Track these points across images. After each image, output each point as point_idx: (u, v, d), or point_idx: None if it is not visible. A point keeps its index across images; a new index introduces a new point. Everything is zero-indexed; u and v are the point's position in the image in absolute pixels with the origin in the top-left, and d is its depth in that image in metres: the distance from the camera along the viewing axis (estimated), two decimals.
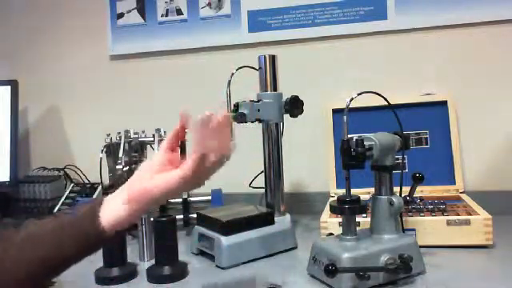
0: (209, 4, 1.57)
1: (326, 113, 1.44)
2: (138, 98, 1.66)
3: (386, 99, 0.96)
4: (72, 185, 1.61)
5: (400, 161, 0.96)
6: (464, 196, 1.26)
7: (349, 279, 0.84)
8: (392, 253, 0.87)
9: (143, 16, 1.63)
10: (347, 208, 0.90)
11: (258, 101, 1.16)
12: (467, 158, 1.38)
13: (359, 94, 0.92)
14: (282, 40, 1.51)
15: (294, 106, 1.17)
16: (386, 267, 0.85)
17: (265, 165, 1.20)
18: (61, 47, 1.73)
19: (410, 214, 1.10)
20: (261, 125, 1.19)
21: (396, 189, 0.96)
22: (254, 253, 1.07)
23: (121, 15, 1.65)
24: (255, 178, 1.35)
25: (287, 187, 1.31)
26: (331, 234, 1.01)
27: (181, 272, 0.99)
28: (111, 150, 1.27)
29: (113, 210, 0.72)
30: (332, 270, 0.83)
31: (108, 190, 1.27)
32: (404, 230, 0.99)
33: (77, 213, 0.73)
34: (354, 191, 0.92)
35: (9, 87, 1.58)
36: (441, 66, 1.41)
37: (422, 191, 1.27)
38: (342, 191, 1.01)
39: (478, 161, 1.38)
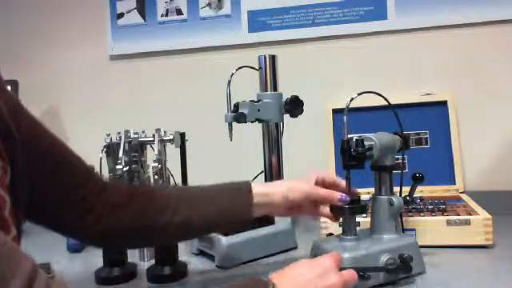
0: (209, 4, 1.57)
1: (326, 113, 1.44)
2: (138, 98, 1.66)
3: (386, 99, 0.96)
4: None
5: (400, 161, 0.96)
6: (464, 196, 1.26)
7: None
8: (392, 253, 0.86)
9: (143, 16, 1.63)
10: (347, 208, 0.90)
11: (258, 101, 1.16)
12: (467, 158, 1.38)
13: (359, 94, 0.91)
14: (281, 40, 1.51)
15: (294, 106, 1.17)
16: (386, 267, 0.85)
17: (265, 165, 1.20)
18: (61, 47, 1.73)
19: (410, 213, 1.10)
20: (261, 125, 1.19)
21: (396, 189, 0.96)
22: (253, 253, 1.07)
23: (121, 15, 1.65)
24: (255, 177, 1.35)
25: None
26: (331, 234, 1.01)
27: (181, 272, 0.99)
28: (111, 149, 1.27)
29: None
30: None
31: None
32: (404, 230, 0.99)
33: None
34: None
35: (9, 87, 1.58)
36: (441, 65, 1.41)
37: (422, 191, 1.27)
38: None
39: (478, 161, 1.38)
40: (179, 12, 1.60)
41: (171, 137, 1.29)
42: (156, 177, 1.21)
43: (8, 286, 0.44)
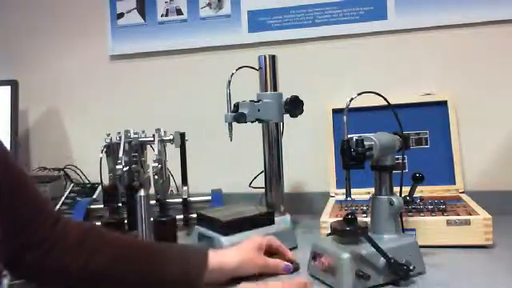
0: (209, 4, 1.57)
1: (326, 113, 1.44)
2: (137, 98, 1.66)
3: (386, 99, 0.96)
4: (72, 185, 1.61)
5: (400, 161, 0.96)
6: (464, 196, 1.26)
7: (349, 279, 0.84)
8: (392, 253, 0.86)
9: (143, 16, 1.63)
10: (348, 230, 0.89)
11: (258, 101, 1.16)
12: (467, 158, 1.38)
13: (359, 94, 0.92)
14: (281, 40, 1.51)
15: (294, 106, 1.17)
16: (387, 255, 0.85)
17: (265, 165, 1.20)
18: (61, 47, 1.73)
19: (410, 214, 1.10)
20: (261, 125, 1.19)
21: (396, 189, 0.96)
22: None
23: (121, 15, 1.65)
24: (255, 177, 1.35)
25: (287, 187, 1.31)
26: (331, 233, 1.01)
27: None
28: (111, 149, 1.27)
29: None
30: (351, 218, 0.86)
31: (108, 190, 1.27)
32: (404, 230, 0.99)
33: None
34: (354, 191, 0.92)
35: (9, 87, 1.58)
36: (441, 65, 1.41)
37: (422, 191, 1.27)
38: (342, 191, 1.01)
39: (478, 161, 1.38)
40: (179, 12, 1.60)
41: (171, 137, 1.30)
42: (156, 177, 1.21)
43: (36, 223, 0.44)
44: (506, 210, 1.27)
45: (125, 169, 1.23)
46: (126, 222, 1.23)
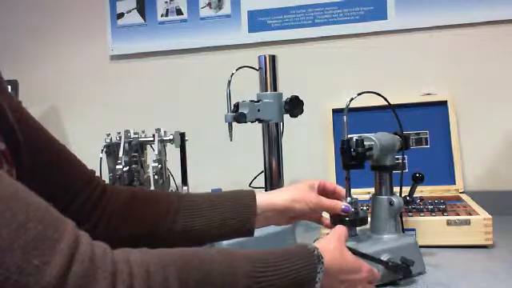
0: (209, 4, 1.57)
1: (326, 113, 1.44)
2: (138, 98, 1.66)
3: (386, 99, 0.96)
4: None
5: (400, 161, 0.96)
6: (464, 196, 1.26)
7: None
8: (392, 253, 0.86)
9: (143, 16, 1.63)
10: (348, 220, 0.88)
11: (258, 101, 1.16)
12: (467, 158, 1.38)
13: (359, 94, 0.92)
14: (281, 40, 1.51)
15: (294, 106, 1.17)
16: (386, 261, 0.85)
17: (265, 165, 1.20)
18: (61, 47, 1.73)
19: (409, 213, 1.10)
20: (261, 125, 1.19)
21: (396, 189, 0.96)
22: None
23: (121, 15, 1.65)
24: (255, 177, 1.35)
25: None
26: None
27: None
28: (111, 149, 1.27)
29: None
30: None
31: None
32: (404, 230, 0.99)
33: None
34: (354, 191, 0.92)
35: (9, 87, 1.58)
36: (441, 66, 1.41)
37: (422, 191, 1.27)
38: None
39: (478, 161, 1.38)
40: (179, 12, 1.60)
41: (171, 137, 1.30)
42: (156, 177, 1.21)
43: (55, 248, 0.44)
44: (506, 210, 1.27)
45: (125, 169, 1.23)
46: None
